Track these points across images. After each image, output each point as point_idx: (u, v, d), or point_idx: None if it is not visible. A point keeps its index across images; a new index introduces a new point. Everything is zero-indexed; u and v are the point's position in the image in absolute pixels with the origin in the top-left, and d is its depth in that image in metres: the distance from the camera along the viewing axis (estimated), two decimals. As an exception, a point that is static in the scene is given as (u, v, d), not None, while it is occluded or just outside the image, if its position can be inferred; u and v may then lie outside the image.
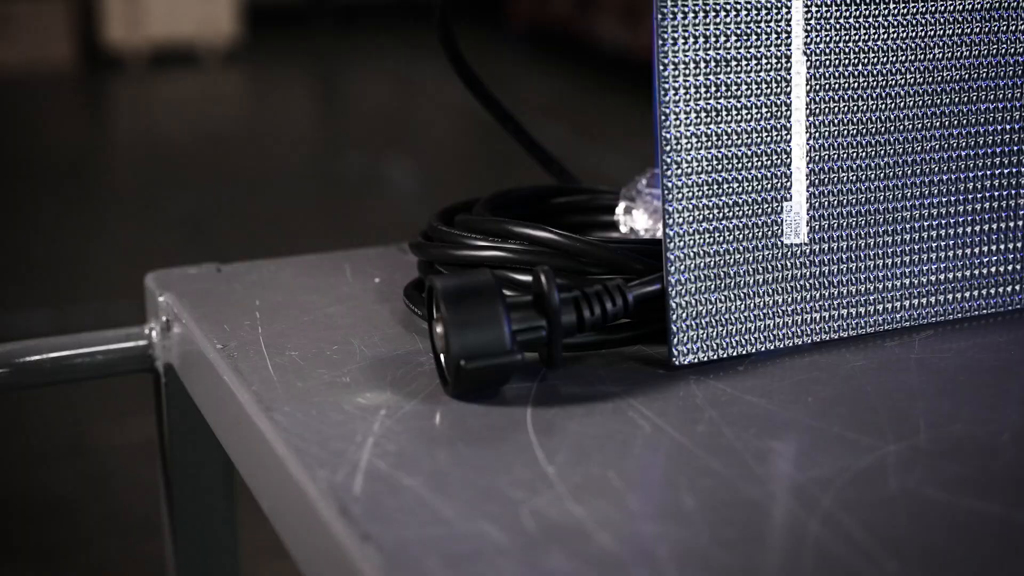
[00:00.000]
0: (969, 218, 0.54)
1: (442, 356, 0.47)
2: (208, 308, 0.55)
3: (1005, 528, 0.39)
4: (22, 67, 4.52)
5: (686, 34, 0.48)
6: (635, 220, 0.62)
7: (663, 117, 0.48)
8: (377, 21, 5.40)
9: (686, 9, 0.48)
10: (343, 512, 0.39)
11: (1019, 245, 0.55)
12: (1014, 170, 0.54)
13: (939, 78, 0.52)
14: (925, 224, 0.53)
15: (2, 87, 4.43)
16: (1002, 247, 0.54)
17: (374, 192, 3.19)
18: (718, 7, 0.48)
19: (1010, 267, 0.55)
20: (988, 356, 0.51)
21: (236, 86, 4.71)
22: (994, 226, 0.54)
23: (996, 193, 0.54)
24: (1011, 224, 0.54)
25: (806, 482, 0.41)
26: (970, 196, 0.53)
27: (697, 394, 0.48)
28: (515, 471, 0.42)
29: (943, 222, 0.53)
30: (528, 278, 0.51)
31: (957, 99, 0.52)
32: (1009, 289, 0.55)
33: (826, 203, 0.51)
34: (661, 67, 0.48)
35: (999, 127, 0.53)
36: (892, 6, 0.51)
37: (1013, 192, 0.54)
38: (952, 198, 0.53)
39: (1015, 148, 0.54)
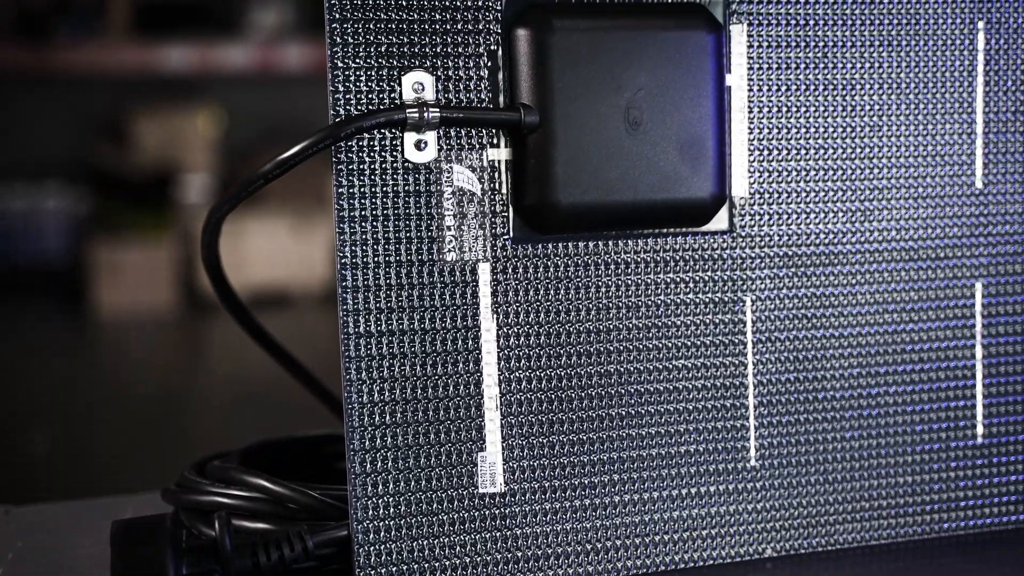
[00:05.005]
0: (661, 472, 0.55)
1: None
2: (-29, 549, 0.59)
3: None
4: (128, 309, 4.77)
5: (368, 314, 0.51)
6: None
7: (346, 371, 0.51)
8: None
9: (368, 298, 0.51)
10: None
11: (709, 511, 0.55)
12: (703, 434, 0.55)
13: (621, 336, 0.54)
14: (614, 478, 0.54)
15: (109, 327, 4.67)
16: (692, 501, 0.55)
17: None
18: (402, 279, 0.52)
19: (709, 521, 0.55)
20: (674, 607, 0.51)
21: (326, 325, 4.87)
22: (681, 484, 0.55)
23: (684, 455, 0.55)
24: (708, 478, 0.55)
25: None
26: (665, 455, 0.55)
27: (366, 640, 0.49)
28: None
29: (636, 476, 0.55)
30: (254, 524, 0.54)
31: (643, 358, 0.55)
32: (716, 543, 0.55)
33: (521, 453, 0.53)
34: (344, 334, 0.51)
35: (687, 384, 0.55)
36: (572, 268, 0.54)
37: (703, 446, 0.55)
38: (648, 451, 0.55)
39: (711, 403, 0.55)
